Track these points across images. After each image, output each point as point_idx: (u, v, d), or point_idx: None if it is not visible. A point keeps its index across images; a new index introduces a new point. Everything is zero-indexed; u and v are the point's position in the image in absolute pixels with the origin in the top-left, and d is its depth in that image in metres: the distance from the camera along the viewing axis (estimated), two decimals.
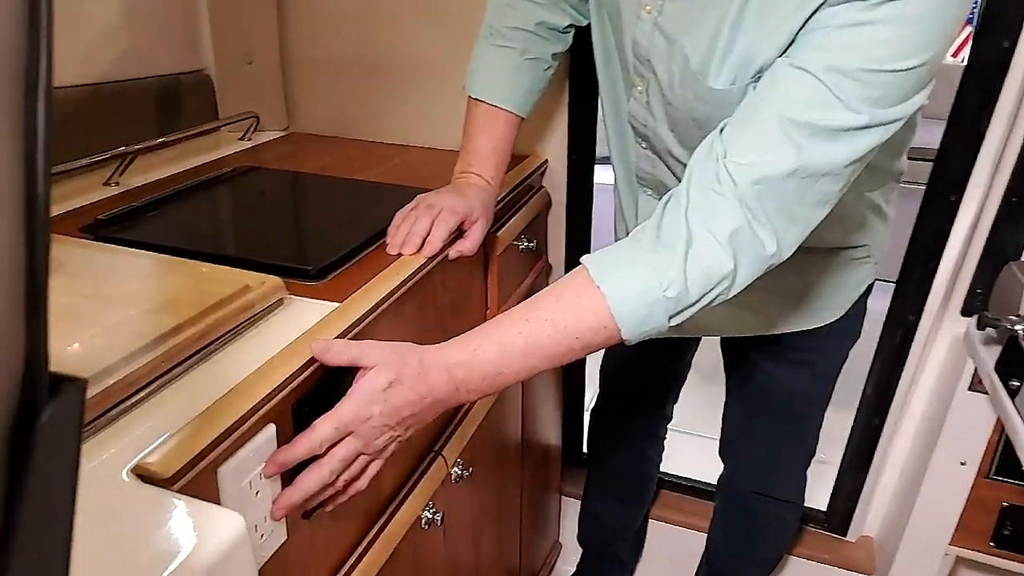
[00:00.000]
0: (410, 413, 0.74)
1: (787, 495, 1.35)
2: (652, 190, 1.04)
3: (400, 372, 0.73)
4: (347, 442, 0.71)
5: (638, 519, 1.65)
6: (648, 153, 0.99)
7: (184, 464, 0.57)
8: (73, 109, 1.13)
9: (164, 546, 0.50)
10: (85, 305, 0.74)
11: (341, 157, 1.38)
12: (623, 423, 1.51)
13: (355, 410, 0.71)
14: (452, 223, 0.97)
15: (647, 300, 0.73)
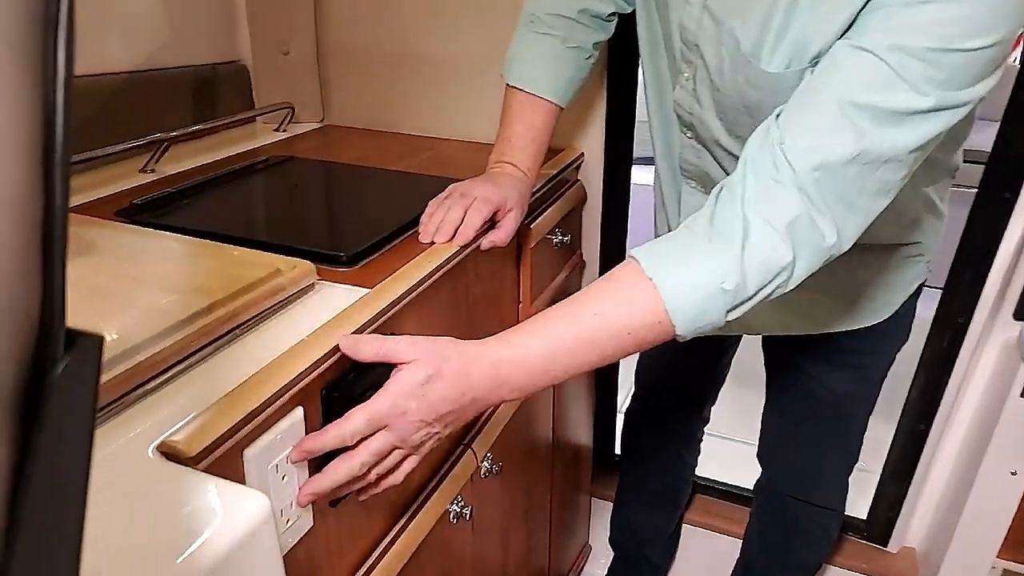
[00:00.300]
0: (449, 410, 0.71)
1: (829, 502, 1.31)
2: (696, 182, 1.01)
3: (440, 367, 0.70)
4: (381, 435, 0.69)
5: (672, 523, 1.62)
6: (693, 143, 0.97)
7: (209, 444, 0.55)
8: (109, 96, 1.14)
9: (187, 524, 0.49)
10: (116, 285, 0.74)
11: (376, 148, 1.37)
12: (659, 425, 1.47)
13: (391, 403, 0.68)
14: (485, 212, 0.95)
15: (703, 293, 0.70)
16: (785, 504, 1.33)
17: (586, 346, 0.72)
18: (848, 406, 1.19)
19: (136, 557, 0.46)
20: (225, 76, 1.36)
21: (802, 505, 1.31)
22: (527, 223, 1.14)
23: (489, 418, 1.08)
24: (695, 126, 0.94)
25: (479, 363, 0.71)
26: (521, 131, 1.06)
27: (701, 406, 1.46)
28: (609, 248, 1.48)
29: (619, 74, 1.33)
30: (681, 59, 0.90)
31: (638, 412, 1.50)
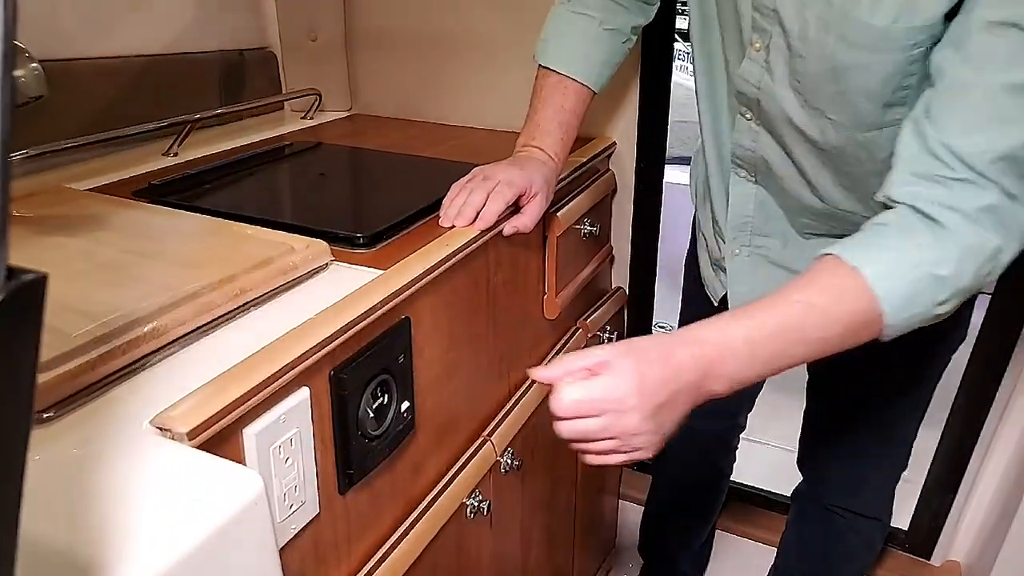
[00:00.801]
0: (664, 400, 0.66)
1: (874, 511, 1.23)
2: (747, 170, 0.96)
3: (644, 351, 0.67)
4: (592, 420, 0.65)
5: (704, 533, 1.55)
6: (752, 124, 0.91)
7: (204, 420, 0.53)
8: (135, 79, 1.13)
9: (174, 501, 0.46)
10: (123, 259, 0.72)
11: (403, 137, 1.35)
12: (693, 431, 1.40)
13: (605, 385, 0.65)
14: (509, 196, 0.92)
15: (912, 276, 0.67)
16: (827, 514, 1.26)
17: (790, 334, 0.69)
18: (899, 411, 1.12)
19: (117, 532, 0.43)
20: (253, 62, 1.35)
21: (845, 515, 1.24)
22: (553, 210, 1.10)
23: (510, 411, 1.04)
24: (761, 103, 0.88)
25: (681, 343, 0.68)
26: (550, 114, 1.02)
27: (737, 413, 1.39)
28: (641, 242, 1.44)
29: (653, 61, 1.29)
30: (751, 29, 0.85)
31: None
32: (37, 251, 0.73)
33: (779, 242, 0.99)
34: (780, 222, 0.97)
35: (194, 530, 0.44)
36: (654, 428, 0.67)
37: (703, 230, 1.12)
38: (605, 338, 1.38)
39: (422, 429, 0.85)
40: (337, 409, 0.69)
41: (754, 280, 1.02)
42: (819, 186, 0.89)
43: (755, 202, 0.97)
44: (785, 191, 0.93)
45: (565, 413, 0.66)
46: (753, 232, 0.99)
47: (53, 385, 0.52)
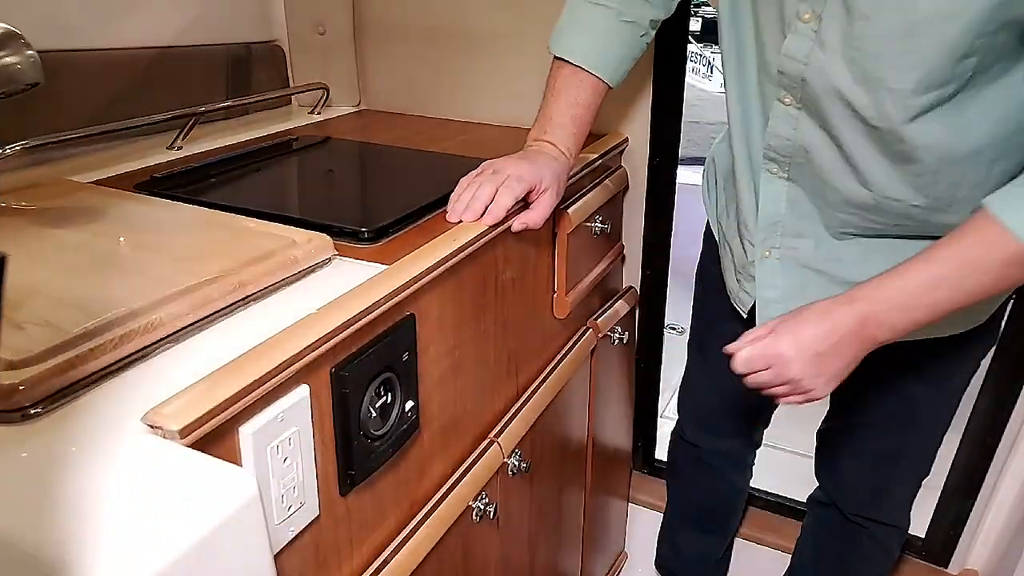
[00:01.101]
0: (825, 349, 0.80)
1: (894, 519, 1.20)
2: (780, 164, 0.91)
3: (803, 314, 0.82)
4: (763, 372, 0.84)
5: (721, 549, 1.51)
6: (791, 110, 0.86)
7: (197, 417, 0.50)
8: (140, 71, 1.12)
9: (163, 501, 0.44)
10: (121, 252, 0.70)
11: (411, 132, 1.33)
12: (709, 452, 1.36)
13: (766, 344, 0.82)
14: (518, 191, 0.89)
15: None
16: (846, 523, 1.22)
17: (944, 282, 0.76)
18: (927, 418, 1.08)
19: (102, 534, 0.41)
20: (260, 56, 1.33)
21: (866, 524, 1.20)
22: (564, 207, 1.08)
23: (518, 412, 1.02)
24: (806, 81, 0.82)
25: (839, 301, 0.80)
26: (563, 108, 0.99)
27: (752, 432, 1.35)
28: (653, 240, 1.41)
29: (667, 56, 1.26)
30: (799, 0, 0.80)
31: (685, 436, 1.37)
32: (33, 242, 0.71)
33: (811, 242, 0.94)
34: (813, 221, 0.92)
35: (183, 533, 0.42)
36: (815, 372, 0.81)
37: (727, 239, 1.07)
38: (616, 338, 1.35)
39: (427, 429, 0.82)
40: (338, 408, 0.66)
41: (785, 284, 0.97)
42: (867, 171, 0.83)
43: (787, 200, 0.93)
44: (825, 183, 0.88)
45: (742, 369, 0.86)
46: (784, 233, 0.94)
47: (40, 380, 0.50)
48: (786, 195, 0.92)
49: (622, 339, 1.37)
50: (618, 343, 1.37)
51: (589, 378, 1.30)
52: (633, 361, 1.53)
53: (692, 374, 1.31)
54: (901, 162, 0.81)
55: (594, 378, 1.31)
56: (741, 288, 1.04)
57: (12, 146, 0.87)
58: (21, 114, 0.95)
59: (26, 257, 0.68)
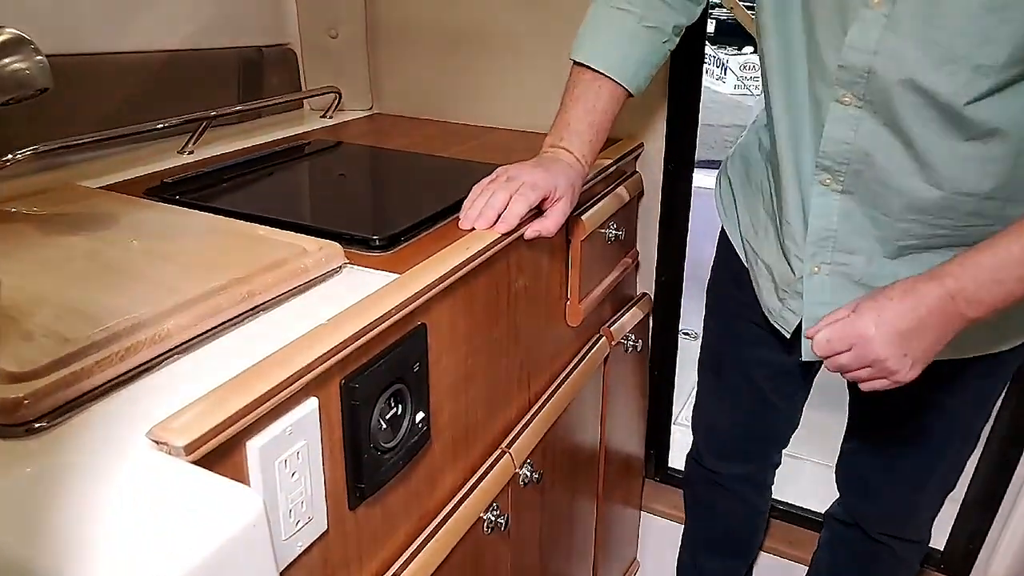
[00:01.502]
0: (909, 327, 0.76)
1: (917, 535, 1.17)
2: (834, 175, 0.86)
3: (884, 292, 0.78)
4: (844, 354, 0.80)
5: (741, 571, 1.48)
6: (851, 110, 0.82)
7: (204, 433, 0.49)
8: (152, 75, 1.11)
9: (167, 520, 0.43)
10: (129, 259, 0.69)
11: (424, 137, 1.32)
12: (727, 476, 1.32)
13: (846, 323, 0.79)
14: (532, 199, 0.88)
15: None
16: (868, 540, 1.19)
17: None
18: (960, 434, 1.05)
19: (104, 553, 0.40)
20: (272, 59, 1.32)
21: (890, 542, 1.17)
22: (578, 214, 1.06)
23: (530, 422, 1.00)
24: (875, 73, 0.78)
25: (923, 278, 0.77)
26: (580, 114, 0.97)
27: (772, 454, 1.32)
28: (668, 247, 1.39)
29: (684, 61, 1.25)
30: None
31: (701, 461, 1.33)
32: (41, 250, 0.70)
33: (864, 259, 0.90)
34: (867, 236, 0.88)
35: (187, 551, 0.41)
36: (901, 352, 0.77)
37: (761, 256, 1.02)
38: (629, 346, 1.34)
39: (438, 440, 0.81)
40: (348, 420, 0.65)
41: (835, 300, 0.92)
42: (938, 166, 0.79)
43: (840, 213, 0.88)
44: (886, 189, 0.83)
45: (821, 352, 0.82)
46: (836, 248, 0.90)
47: (45, 393, 0.49)
48: (839, 208, 0.88)
49: (636, 347, 1.35)
50: (632, 351, 1.35)
51: (602, 386, 1.29)
52: (646, 369, 1.51)
53: (707, 400, 1.28)
54: (979, 149, 0.77)
55: (607, 386, 1.30)
56: (785, 307, 0.99)
57: (22, 151, 0.87)
58: (32, 119, 0.95)
59: (34, 264, 0.67)
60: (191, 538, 0.42)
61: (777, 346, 1.10)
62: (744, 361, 1.17)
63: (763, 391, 1.17)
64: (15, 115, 0.93)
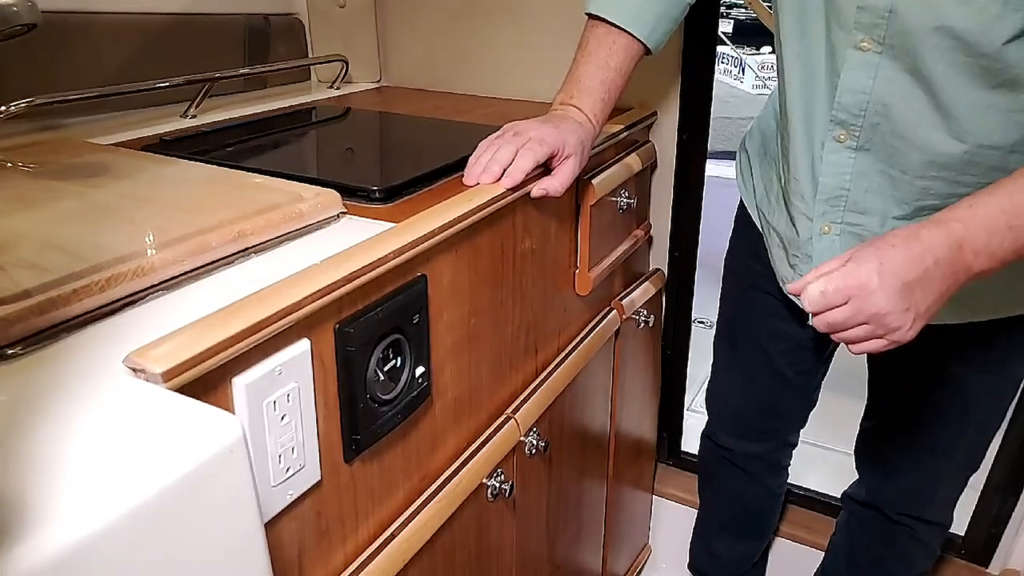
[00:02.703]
0: (915, 277, 0.67)
1: (938, 516, 1.13)
2: (849, 129, 0.82)
3: (885, 238, 0.69)
4: (840, 308, 0.69)
5: (757, 553, 1.44)
6: (869, 56, 0.77)
7: (183, 361, 0.47)
8: (154, 38, 1.09)
9: (139, 444, 0.40)
10: (119, 203, 0.67)
11: (433, 106, 1.29)
12: (742, 455, 1.28)
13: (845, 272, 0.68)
14: (539, 154, 0.85)
15: None
16: (887, 522, 1.15)
17: None
18: (982, 410, 1.01)
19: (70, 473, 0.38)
20: (279, 28, 1.30)
21: (912, 523, 1.13)
22: (588, 178, 1.03)
23: (536, 389, 0.97)
24: (895, 14, 0.74)
25: (926, 225, 0.68)
26: (593, 71, 0.94)
27: (788, 433, 1.28)
28: (681, 220, 1.36)
29: (698, 24, 1.21)
30: None
31: (716, 449, 1.30)
32: (26, 192, 0.68)
33: (877, 220, 0.86)
34: (881, 197, 0.84)
35: (158, 475, 0.38)
36: (904, 306, 0.67)
37: (772, 224, 1.00)
38: (641, 321, 1.30)
39: (439, 399, 0.78)
40: (342, 367, 0.62)
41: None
42: (962, 116, 0.75)
43: (854, 172, 0.84)
44: (905, 143, 0.79)
45: (815, 307, 0.71)
46: (848, 208, 0.87)
47: (19, 318, 0.47)
48: (853, 166, 0.84)
49: (648, 322, 1.32)
50: (644, 327, 1.32)
51: (612, 361, 1.25)
52: (659, 347, 1.48)
53: (722, 374, 1.25)
54: (1006, 98, 0.73)
55: (618, 362, 1.26)
56: (796, 273, 0.95)
57: (17, 103, 0.85)
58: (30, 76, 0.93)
59: (18, 204, 0.65)
60: (164, 460, 0.39)
61: (792, 318, 1.08)
62: (759, 333, 1.14)
63: (778, 365, 1.14)
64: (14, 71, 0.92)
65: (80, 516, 0.35)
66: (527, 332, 0.96)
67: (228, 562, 0.42)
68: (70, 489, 0.37)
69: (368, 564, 0.67)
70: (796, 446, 1.31)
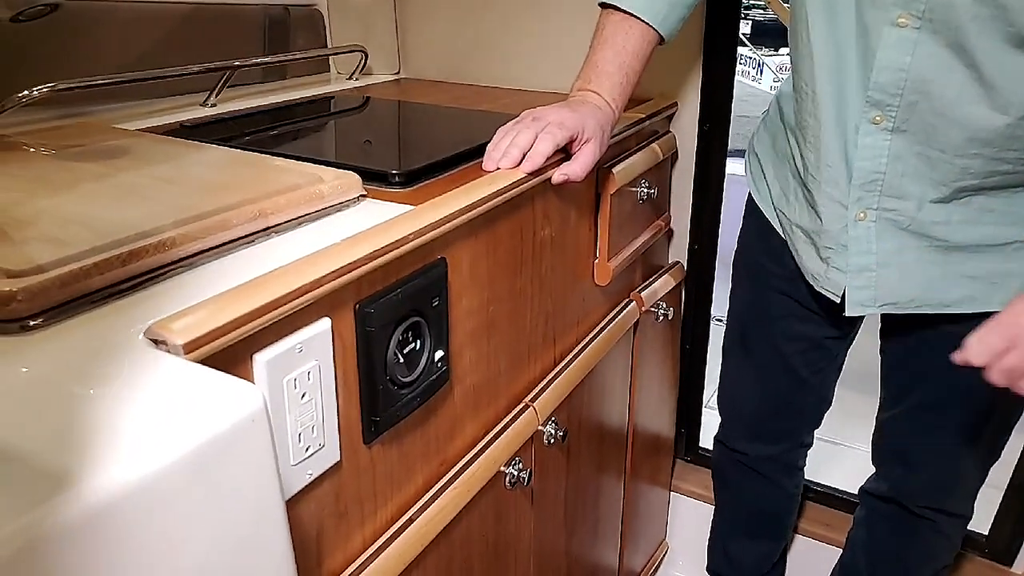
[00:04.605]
0: None
1: (958, 508, 1.11)
2: (885, 110, 0.81)
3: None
4: (1010, 355, 0.71)
5: (775, 554, 1.41)
6: (907, 32, 0.75)
7: (205, 333, 0.46)
8: (175, 25, 1.09)
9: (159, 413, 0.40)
10: (142, 183, 0.67)
11: (452, 97, 1.29)
12: (757, 459, 1.26)
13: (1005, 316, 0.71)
14: (559, 138, 0.84)
15: None
16: (909, 516, 1.13)
17: None
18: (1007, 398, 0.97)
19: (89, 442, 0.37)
20: (298, 19, 1.30)
21: (934, 516, 1.11)
22: (608, 166, 1.03)
23: (555, 378, 0.96)
24: None
25: None
26: (610, 56, 0.93)
27: (803, 434, 1.26)
28: (702, 213, 1.34)
29: (719, 15, 1.20)
30: None
31: (730, 453, 1.28)
32: (49, 172, 0.68)
33: (914, 204, 0.85)
34: (918, 180, 0.84)
35: (179, 442, 0.38)
36: None
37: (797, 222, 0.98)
38: (660, 315, 1.29)
39: (458, 385, 0.78)
40: (362, 347, 0.62)
41: (880, 249, 0.88)
42: (1007, 88, 0.74)
43: (889, 154, 0.83)
44: (945, 121, 0.78)
45: (980, 358, 0.72)
46: (883, 192, 0.86)
47: (40, 290, 0.47)
48: (889, 149, 0.83)
49: (667, 315, 1.30)
50: (663, 320, 1.31)
51: (631, 354, 1.24)
52: (678, 341, 1.47)
53: (734, 378, 1.23)
54: None
55: (636, 354, 1.25)
56: (830, 267, 0.93)
57: (40, 88, 0.85)
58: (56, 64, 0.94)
59: (40, 184, 0.65)
60: (187, 427, 0.39)
61: (810, 318, 1.06)
62: (774, 334, 1.12)
63: (793, 366, 1.12)
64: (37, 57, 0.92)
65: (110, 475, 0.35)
66: (546, 321, 0.96)
67: (250, 535, 0.42)
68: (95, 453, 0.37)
69: (386, 548, 0.67)
70: (811, 446, 1.29)
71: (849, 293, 0.92)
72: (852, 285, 0.92)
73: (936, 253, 0.87)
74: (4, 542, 0.30)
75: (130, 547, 0.35)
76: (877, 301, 0.92)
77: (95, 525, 0.34)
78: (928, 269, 0.89)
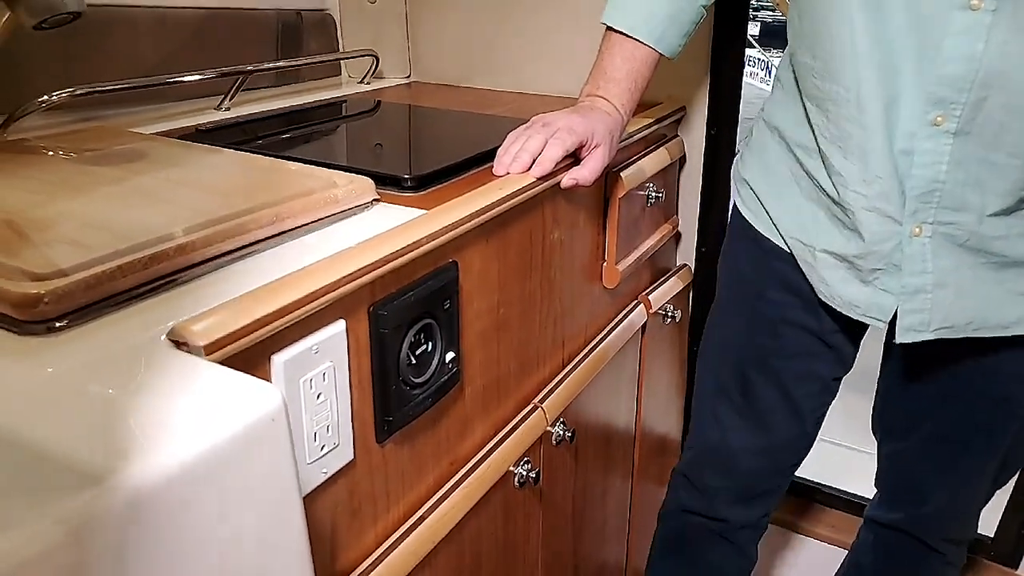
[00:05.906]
0: None
1: (966, 533, 1.06)
2: (948, 109, 0.73)
3: None
4: None
5: None
6: (980, 16, 0.68)
7: (225, 335, 0.48)
8: (189, 32, 1.11)
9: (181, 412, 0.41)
10: (156, 185, 0.69)
11: (463, 101, 1.30)
12: (734, 527, 1.10)
13: None
14: (569, 144, 0.85)
15: None
16: (919, 547, 1.06)
17: None
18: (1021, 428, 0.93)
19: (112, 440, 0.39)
20: (311, 24, 1.32)
21: (943, 547, 1.05)
22: (617, 170, 1.04)
23: (563, 380, 0.97)
24: None
25: None
26: (618, 63, 0.94)
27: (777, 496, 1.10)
28: (709, 216, 1.35)
29: (728, 19, 1.21)
30: None
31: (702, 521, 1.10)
32: (68, 176, 0.70)
33: (974, 217, 0.77)
34: (980, 189, 0.76)
35: (200, 440, 0.39)
36: None
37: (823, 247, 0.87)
38: (668, 317, 1.30)
39: (469, 386, 0.79)
40: (376, 348, 0.64)
41: (936, 267, 0.80)
42: None
43: (950, 161, 0.75)
44: (1018, 119, 0.71)
45: None
46: (940, 204, 0.77)
47: (65, 293, 0.48)
48: (950, 154, 0.75)
49: (674, 318, 1.32)
50: (670, 322, 1.32)
51: (639, 357, 1.26)
52: (686, 344, 1.47)
53: (727, 426, 1.04)
54: None
55: (644, 357, 1.26)
56: (877, 289, 0.84)
57: (58, 92, 0.87)
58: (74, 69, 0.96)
59: (60, 187, 0.66)
60: (208, 427, 0.40)
61: (824, 354, 0.96)
62: (783, 375, 0.99)
63: (801, 411, 1.00)
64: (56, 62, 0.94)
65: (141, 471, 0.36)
66: (554, 323, 0.97)
67: (270, 528, 0.43)
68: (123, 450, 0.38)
69: (398, 545, 0.68)
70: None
71: (901, 317, 0.83)
72: (905, 309, 0.82)
73: (990, 270, 0.80)
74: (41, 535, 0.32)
75: (160, 540, 0.36)
76: (931, 325, 0.82)
77: (125, 522, 0.35)
78: (984, 288, 0.81)
